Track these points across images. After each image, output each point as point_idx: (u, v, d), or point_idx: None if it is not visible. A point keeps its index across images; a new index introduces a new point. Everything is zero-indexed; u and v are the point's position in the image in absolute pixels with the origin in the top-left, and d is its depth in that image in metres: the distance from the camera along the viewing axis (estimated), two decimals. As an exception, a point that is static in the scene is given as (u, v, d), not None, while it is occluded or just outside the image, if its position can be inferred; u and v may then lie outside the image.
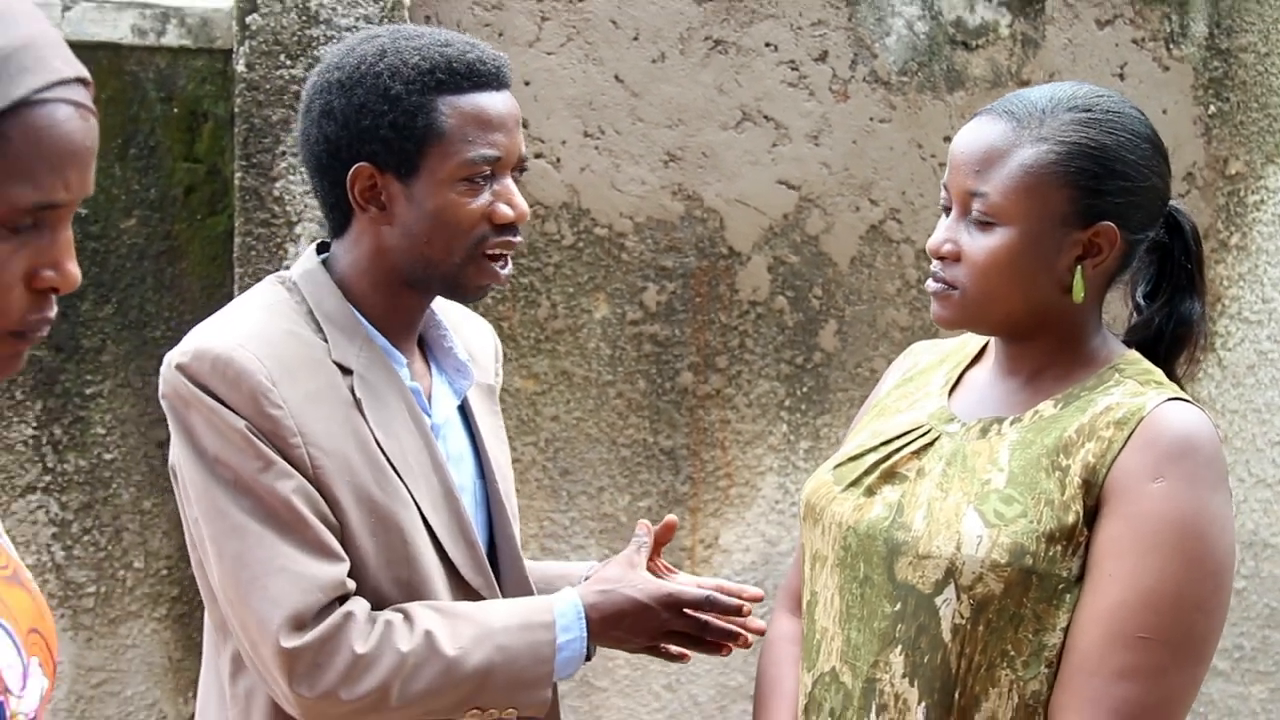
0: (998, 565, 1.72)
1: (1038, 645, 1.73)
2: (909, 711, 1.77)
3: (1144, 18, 3.70)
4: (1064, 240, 1.78)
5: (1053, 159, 1.76)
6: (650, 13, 3.39)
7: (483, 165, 1.88)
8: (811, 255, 3.54)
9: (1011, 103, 1.82)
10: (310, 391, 1.89)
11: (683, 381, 3.49)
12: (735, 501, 3.55)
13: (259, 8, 3.03)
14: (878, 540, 1.82)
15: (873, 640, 1.81)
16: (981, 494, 1.77)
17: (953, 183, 1.82)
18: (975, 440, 1.84)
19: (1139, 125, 1.81)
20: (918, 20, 3.56)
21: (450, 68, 1.88)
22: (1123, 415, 1.74)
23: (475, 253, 1.91)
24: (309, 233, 3.06)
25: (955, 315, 1.84)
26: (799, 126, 3.50)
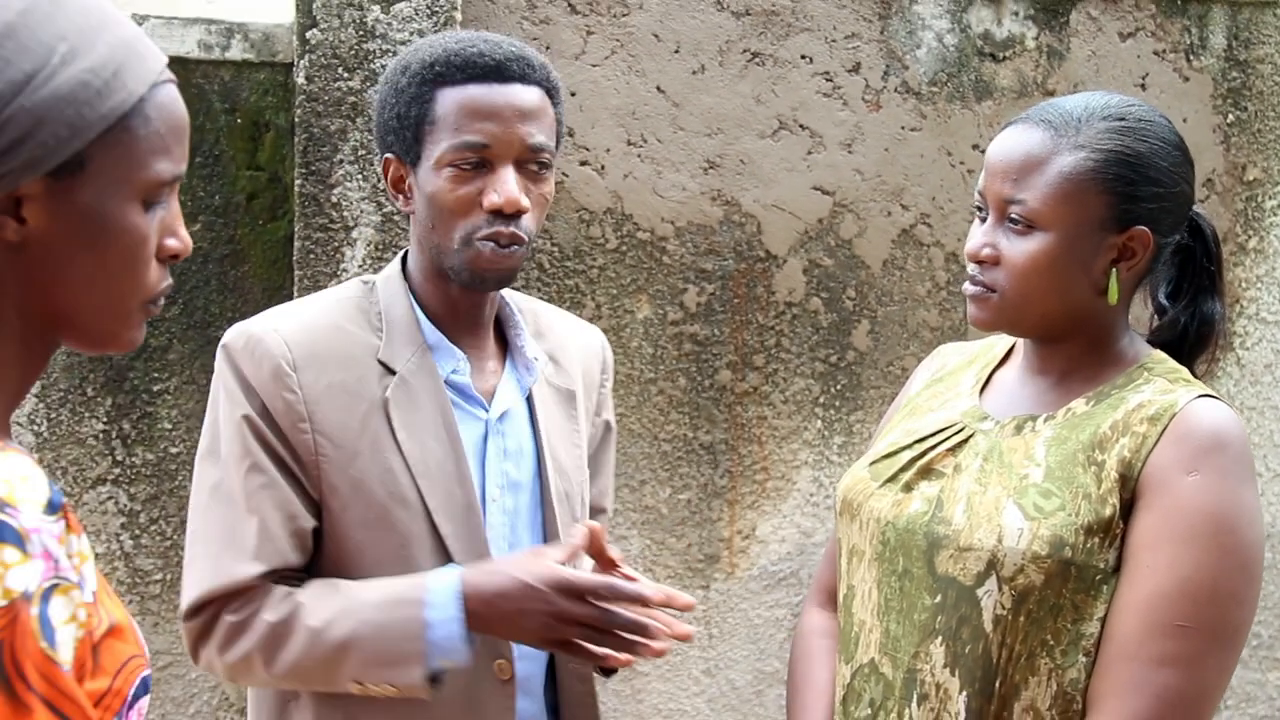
0: (1038, 557, 1.71)
1: (1076, 634, 1.73)
2: (950, 700, 1.77)
3: (1165, 30, 3.68)
4: (1100, 244, 1.78)
5: (1091, 166, 1.76)
6: (691, 26, 3.39)
7: (466, 152, 1.86)
8: (845, 258, 3.54)
9: (1047, 111, 1.81)
10: (335, 383, 1.90)
11: (721, 379, 3.48)
12: (771, 494, 3.54)
13: (318, 23, 3.04)
14: (917, 534, 1.81)
15: (913, 632, 1.81)
16: (1020, 488, 1.77)
17: (989, 189, 1.81)
18: (1010, 437, 1.83)
19: (1169, 133, 1.81)
20: (947, 33, 3.55)
21: (448, 61, 1.88)
22: (1155, 411, 1.74)
23: (469, 239, 1.89)
24: (365, 237, 3.07)
25: (993, 317, 1.83)
26: (833, 135, 3.49)
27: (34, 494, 1.08)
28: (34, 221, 1.15)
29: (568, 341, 2.11)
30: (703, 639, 3.55)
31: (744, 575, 3.55)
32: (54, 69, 1.13)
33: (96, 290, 1.19)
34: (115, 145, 1.17)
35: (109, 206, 1.17)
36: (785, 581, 3.58)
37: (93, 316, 1.21)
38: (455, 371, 1.96)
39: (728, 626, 3.56)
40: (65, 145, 1.14)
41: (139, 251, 1.20)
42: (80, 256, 1.17)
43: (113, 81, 1.16)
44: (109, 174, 1.17)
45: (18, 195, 1.14)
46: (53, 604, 1.07)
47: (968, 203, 3.58)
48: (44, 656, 1.06)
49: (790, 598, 3.58)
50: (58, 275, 1.17)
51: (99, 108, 1.15)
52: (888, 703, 1.83)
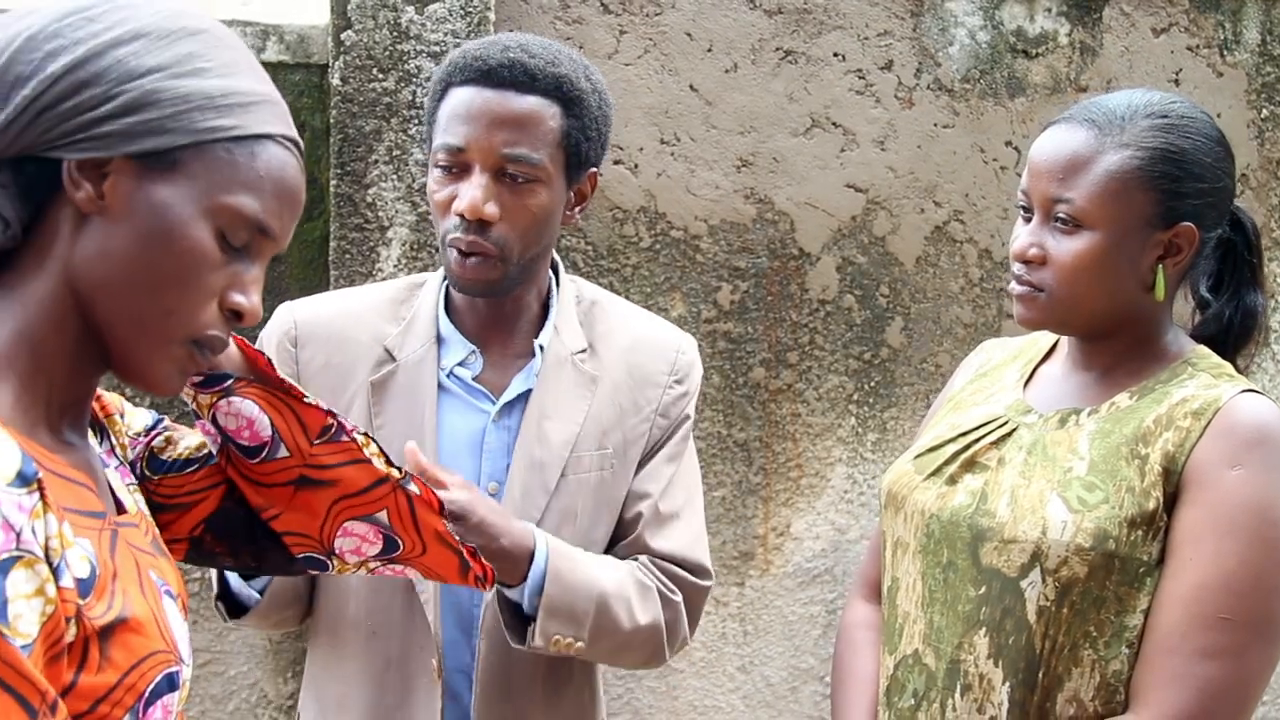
0: (1082, 549, 1.72)
1: (1119, 626, 1.73)
2: (993, 691, 1.78)
3: (1198, 26, 3.68)
4: (1147, 241, 1.78)
5: (1136, 164, 1.76)
6: (723, 25, 3.39)
7: (439, 153, 1.87)
8: (878, 255, 3.54)
9: (1089, 110, 1.82)
10: (330, 363, 1.94)
11: (755, 377, 3.48)
12: (806, 491, 3.54)
13: (353, 25, 3.04)
14: (962, 527, 1.82)
15: (956, 623, 1.81)
16: (1064, 481, 1.77)
17: (1034, 189, 1.82)
18: (1054, 430, 1.84)
19: (1210, 129, 1.82)
20: (980, 30, 3.55)
21: (456, 62, 1.88)
22: (1199, 406, 1.75)
23: (445, 241, 1.88)
24: (400, 237, 3.07)
25: (1041, 316, 1.83)
26: (866, 132, 3.50)
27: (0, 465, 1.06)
28: (111, 200, 1.18)
29: (617, 334, 2.07)
30: (738, 636, 3.55)
31: (778, 572, 3.55)
32: (187, 73, 1.19)
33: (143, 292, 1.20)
34: (211, 161, 1.20)
35: (182, 212, 1.19)
36: (820, 578, 3.59)
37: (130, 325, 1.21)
38: (462, 364, 1.96)
39: (763, 623, 3.56)
40: (164, 134, 1.18)
41: (195, 272, 1.21)
42: (139, 250, 1.19)
43: (235, 109, 1.21)
44: (194, 184, 1.20)
45: (106, 170, 1.17)
46: (11, 576, 1.04)
47: (1000, 199, 3.60)
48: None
49: (825, 594, 3.59)
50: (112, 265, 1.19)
51: (210, 119, 1.20)
52: (931, 693, 1.84)
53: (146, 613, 1.20)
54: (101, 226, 1.18)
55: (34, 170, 1.17)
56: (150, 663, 1.18)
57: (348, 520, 1.53)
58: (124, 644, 1.16)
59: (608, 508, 2.02)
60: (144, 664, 1.18)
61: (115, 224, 1.18)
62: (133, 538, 1.26)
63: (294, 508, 1.52)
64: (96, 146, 1.16)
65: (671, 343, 2.11)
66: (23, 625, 1.05)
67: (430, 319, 1.98)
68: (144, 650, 1.18)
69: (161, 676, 1.19)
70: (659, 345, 2.09)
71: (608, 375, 2.03)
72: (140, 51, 1.17)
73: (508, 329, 2.00)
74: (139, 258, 1.19)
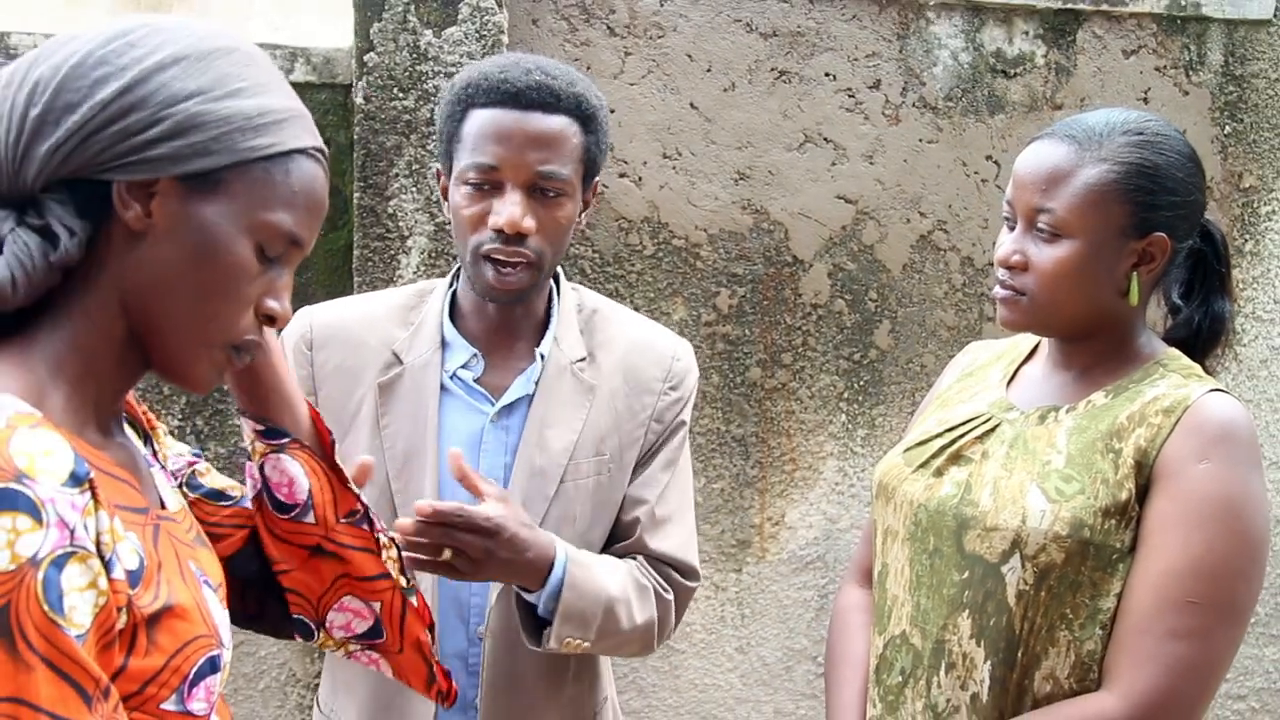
0: (1059, 537, 1.72)
1: (1093, 609, 1.73)
2: (975, 669, 1.78)
3: (1165, 48, 3.66)
4: (1122, 250, 1.78)
5: (1114, 177, 1.76)
6: (722, 47, 3.38)
7: (471, 172, 1.86)
8: (867, 263, 3.52)
9: (1070, 127, 1.82)
10: (342, 365, 1.93)
11: (752, 376, 3.47)
12: (799, 484, 3.53)
13: (375, 47, 3.05)
14: (947, 516, 1.82)
15: (942, 606, 1.81)
16: (1043, 473, 1.77)
17: (1018, 199, 1.82)
18: (1034, 426, 1.84)
19: (1183, 145, 1.82)
20: (962, 51, 3.54)
21: (479, 84, 1.88)
22: (1170, 404, 1.75)
23: (477, 255, 1.88)
24: (419, 246, 3.07)
25: (1022, 319, 1.83)
26: (855, 147, 3.48)
27: (55, 466, 1.08)
28: (158, 218, 1.19)
29: (616, 342, 2.05)
30: (736, 619, 3.54)
31: (774, 559, 3.55)
32: (226, 94, 1.20)
33: (188, 303, 1.21)
34: (251, 180, 1.21)
35: (225, 230, 1.21)
36: (812, 565, 3.58)
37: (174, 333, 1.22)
38: (465, 366, 1.95)
39: (759, 607, 3.56)
40: (208, 155, 1.19)
41: (238, 285, 1.23)
42: (185, 265, 1.20)
43: (271, 127, 1.22)
44: (237, 203, 1.21)
45: (153, 191, 1.18)
46: (66, 571, 1.06)
47: (981, 210, 3.58)
48: (46, 619, 1.05)
49: (817, 580, 3.58)
50: (159, 277, 1.20)
51: (250, 139, 1.20)
52: (917, 671, 1.84)
53: (190, 600, 1.21)
54: (150, 243, 1.19)
55: (87, 191, 1.17)
56: (194, 646, 1.20)
57: (346, 596, 1.53)
58: (170, 629, 1.17)
59: (605, 510, 2.01)
60: (188, 647, 1.19)
61: (163, 241, 1.19)
62: (174, 531, 1.27)
63: (305, 569, 1.52)
64: (144, 169, 1.16)
65: (668, 350, 2.08)
66: (77, 616, 1.07)
67: (436, 325, 1.96)
68: (188, 635, 1.19)
69: (204, 659, 1.21)
70: (655, 352, 2.06)
71: (605, 383, 2.02)
72: (182, 75, 1.18)
73: (512, 335, 1.99)
74: (186, 272, 1.20)
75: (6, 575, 1.04)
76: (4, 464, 1.05)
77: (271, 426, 1.48)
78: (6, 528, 1.04)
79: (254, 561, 1.53)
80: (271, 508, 1.50)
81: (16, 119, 1.16)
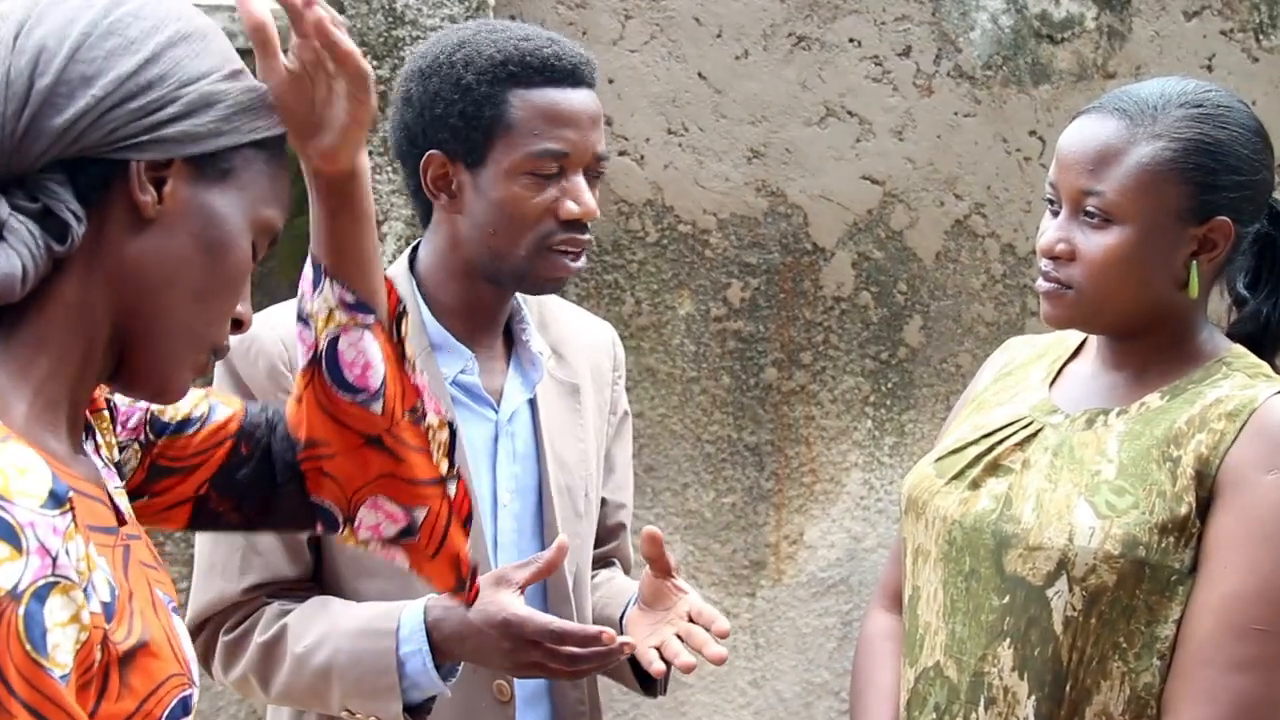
0: (1111, 556, 1.73)
1: (1150, 637, 1.74)
2: (1018, 705, 1.78)
3: (1232, 8, 3.68)
4: (1180, 236, 1.79)
5: (1169, 155, 1.77)
6: (733, 10, 3.41)
7: (547, 160, 1.89)
8: (896, 250, 3.56)
9: (1121, 100, 1.82)
10: None
11: (767, 377, 3.50)
12: (820, 498, 3.56)
13: (346, 9, 3.05)
14: (985, 533, 1.83)
15: (980, 634, 1.82)
16: (1092, 485, 1.78)
17: (1063, 182, 1.83)
18: (1081, 431, 1.84)
19: (1248, 119, 1.82)
20: (1002, 14, 3.57)
21: (524, 60, 1.89)
22: (1234, 407, 1.75)
23: (541, 247, 1.91)
24: (395, 232, 3.09)
25: (1069, 314, 1.84)
26: (883, 122, 3.51)
27: (33, 486, 1.08)
28: (170, 204, 1.21)
29: (573, 334, 2.13)
30: (749, 649, 3.57)
31: (791, 582, 3.57)
32: (230, 74, 1.25)
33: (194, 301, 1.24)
34: (255, 170, 1.26)
35: (236, 221, 1.25)
36: (834, 589, 3.60)
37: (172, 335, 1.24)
38: (464, 371, 1.98)
39: (775, 636, 3.58)
40: (219, 135, 1.23)
41: (242, 280, 1.28)
42: (196, 257, 1.23)
43: (267, 108, 1.28)
44: (244, 194, 1.25)
45: (166, 174, 1.21)
46: (49, 604, 1.06)
47: (1024, 192, 3.61)
48: (28, 659, 1.04)
49: (840, 605, 3.60)
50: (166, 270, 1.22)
51: (254, 120, 1.26)
52: (953, 707, 1.85)
53: (161, 634, 1.22)
54: (156, 233, 1.22)
55: (90, 172, 1.19)
56: (167, 687, 1.20)
57: (383, 496, 1.56)
58: (143, 669, 1.18)
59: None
60: (161, 689, 1.19)
61: (171, 230, 1.22)
62: (140, 553, 1.28)
63: (352, 458, 1.54)
64: (160, 149, 1.20)
65: (608, 334, 2.20)
66: (60, 655, 1.06)
67: (416, 323, 1.97)
68: (161, 675, 1.20)
69: (176, 701, 1.21)
70: (602, 341, 2.17)
71: (583, 382, 2.09)
72: (192, 53, 1.23)
73: (495, 331, 2.03)
74: (196, 265, 1.23)
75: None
76: None
77: (361, 299, 1.50)
78: None
79: (249, 465, 1.56)
80: (334, 385, 1.52)
81: (20, 88, 1.17)
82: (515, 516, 2.00)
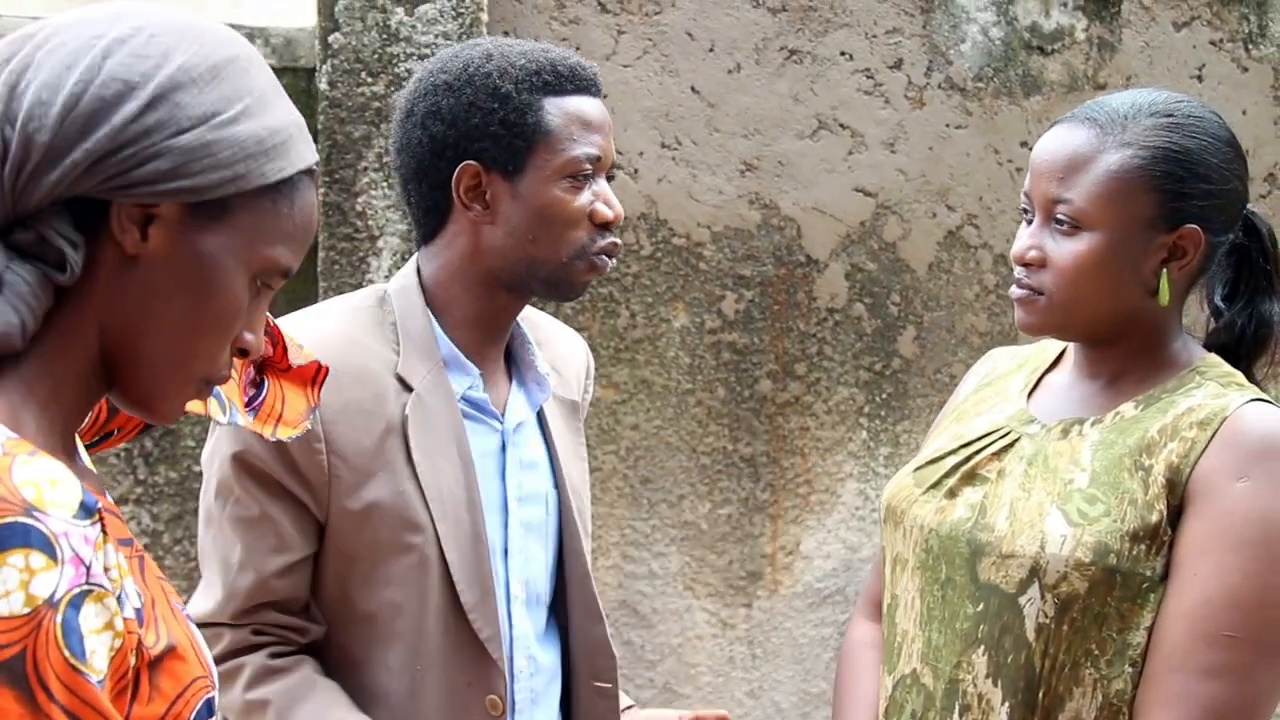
0: (1082, 564, 1.73)
1: (1122, 644, 1.74)
2: (992, 712, 1.78)
3: (1222, 19, 3.67)
4: (1150, 244, 1.79)
5: (1138, 163, 1.78)
6: (725, 24, 3.40)
7: (585, 164, 1.92)
8: (889, 262, 3.55)
9: (1092, 110, 1.83)
10: (351, 401, 1.91)
11: (762, 389, 3.49)
12: (816, 508, 3.54)
13: (341, 27, 3.06)
14: (960, 541, 1.83)
15: (955, 641, 1.82)
16: (1064, 493, 1.78)
17: (1035, 190, 1.84)
18: (1056, 441, 1.85)
19: (1219, 129, 1.83)
20: (992, 26, 3.56)
21: (555, 70, 1.93)
22: (1205, 416, 1.75)
23: (581, 251, 1.94)
24: (391, 247, 3.09)
25: (1041, 321, 1.85)
26: (875, 134, 3.50)
27: (64, 497, 1.10)
28: (155, 244, 1.21)
29: (563, 352, 2.16)
30: (746, 659, 3.55)
31: (788, 593, 3.56)
32: (236, 115, 1.22)
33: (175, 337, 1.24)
34: (258, 210, 1.24)
35: (227, 263, 1.23)
36: (831, 599, 3.59)
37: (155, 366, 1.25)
38: (471, 388, 1.99)
39: (771, 647, 3.57)
40: (220, 185, 1.21)
41: (231, 320, 1.26)
42: (178, 297, 1.22)
43: (280, 148, 1.25)
44: (242, 234, 1.24)
45: (153, 214, 1.20)
46: (84, 611, 1.09)
47: (1016, 202, 3.54)
48: (67, 666, 1.07)
49: (836, 615, 3.59)
50: (148, 307, 1.22)
51: (262, 165, 1.23)
52: (929, 714, 1.85)
53: (185, 638, 1.23)
54: (143, 270, 1.21)
55: (83, 208, 1.19)
56: (193, 689, 1.22)
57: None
58: (170, 672, 1.19)
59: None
60: (187, 691, 1.21)
61: (157, 269, 1.21)
62: (151, 564, 1.29)
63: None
64: (149, 195, 1.19)
65: (582, 348, 2.24)
66: (96, 661, 1.09)
67: (426, 337, 1.97)
68: (187, 677, 1.21)
69: (202, 703, 1.23)
70: (578, 354, 2.21)
71: (578, 398, 2.15)
72: (195, 94, 1.20)
73: (500, 345, 2.04)
74: (179, 304, 1.22)
75: (23, 619, 1.06)
76: (9, 495, 1.08)
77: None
78: (19, 566, 1.06)
79: None
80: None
81: (18, 143, 1.18)
82: (523, 524, 2.00)
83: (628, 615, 3.44)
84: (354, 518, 1.88)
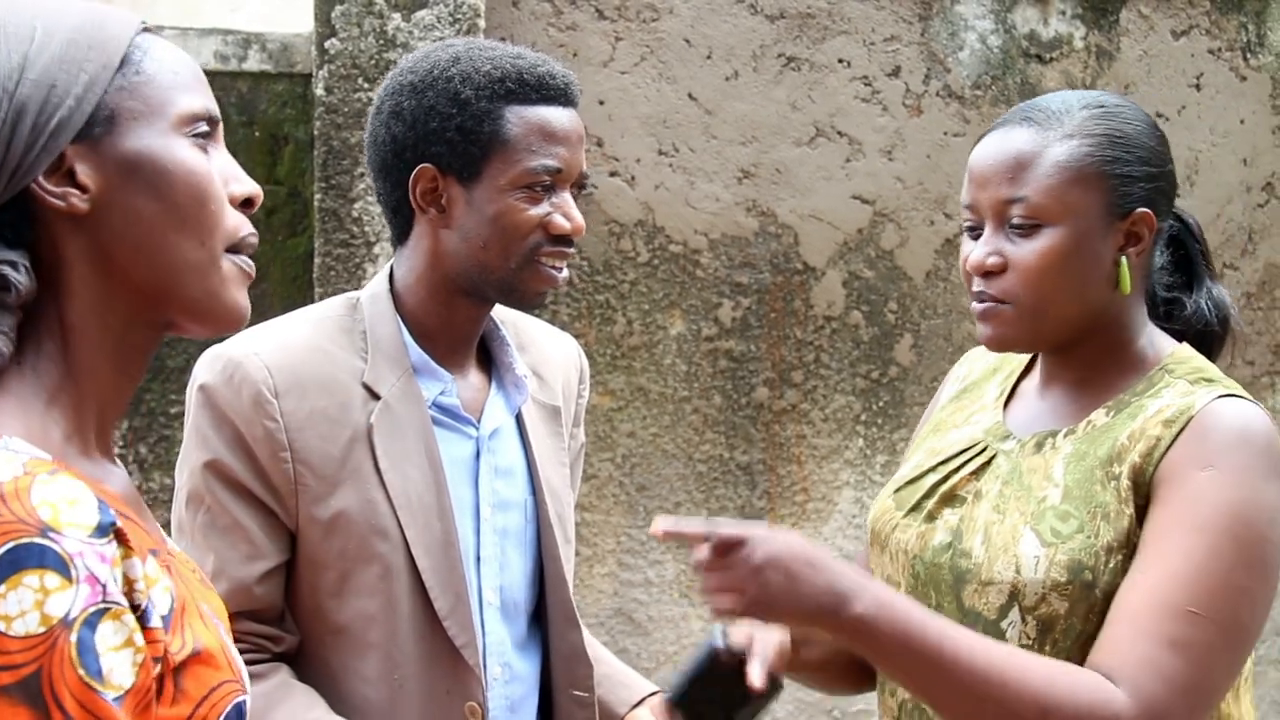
0: (1059, 584, 1.71)
1: None
2: None
3: (1220, 28, 3.67)
4: (1107, 231, 1.78)
5: (1086, 151, 1.77)
6: (723, 31, 3.41)
7: (543, 175, 1.92)
8: (886, 270, 3.55)
9: (1025, 111, 1.82)
10: (317, 410, 1.91)
11: (758, 397, 3.50)
12: (812, 516, 3.55)
13: (338, 33, 3.08)
14: (943, 569, 1.82)
15: None
16: (1038, 513, 1.77)
17: (982, 197, 1.80)
18: (1030, 456, 1.83)
19: (1145, 115, 1.84)
20: (991, 34, 3.57)
21: (520, 78, 1.92)
22: (1172, 415, 1.73)
23: (530, 259, 1.93)
24: (387, 253, 3.09)
25: (1010, 332, 1.82)
26: (872, 141, 3.51)
27: (81, 517, 1.11)
28: (94, 186, 1.21)
29: (550, 355, 2.15)
30: None
31: None
32: (42, 43, 1.21)
33: (176, 240, 1.23)
34: (130, 91, 1.23)
35: (155, 145, 1.22)
36: None
37: (184, 273, 1.24)
38: (443, 393, 1.99)
39: None
40: (83, 101, 1.20)
41: (205, 187, 1.24)
42: (150, 206, 1.22)
43: (98, 35, 1.23)
44: (139, 118, 1.23)
45: (68, 167, 1.20)
46: (100, 630, 1.10)
47: None
48: (82, 684, 1.08)
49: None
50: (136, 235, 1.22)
51: (97, 59, 1.22)
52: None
53: (214, 643, 1.24)
54: (108, 216, 1.21)
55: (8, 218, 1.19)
56: (220, 693, 1.23)
57: None
58: (196, 675, 1.20)
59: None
60: (214, 694, 1.22)
61: (117, 202, 1.21)
62: (183, 571, 1.29)
63: None
64: (48, 153, 1.18)
65: (574, 350, 2.22)
66: (115, 678, 1.10)
67: (395, 344, 1.98)
68: (214, 681, 1.22)
69: (231, 707, 1.24)
70: (569, 356, 2.19)
71: (561, 403, 2.12)
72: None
73: (471, 349, 2.04)
74: (157, 213, 1.22)
75: (37, 639, 1.07)
76: (26, 516, 1.09)
77: None
78: (34, 587, 1.08)
79: None
80: None
81: None
82: (497, 531, 2.00)
83: (624, 623, 3.44)
84: (323, 526, 1.89)
